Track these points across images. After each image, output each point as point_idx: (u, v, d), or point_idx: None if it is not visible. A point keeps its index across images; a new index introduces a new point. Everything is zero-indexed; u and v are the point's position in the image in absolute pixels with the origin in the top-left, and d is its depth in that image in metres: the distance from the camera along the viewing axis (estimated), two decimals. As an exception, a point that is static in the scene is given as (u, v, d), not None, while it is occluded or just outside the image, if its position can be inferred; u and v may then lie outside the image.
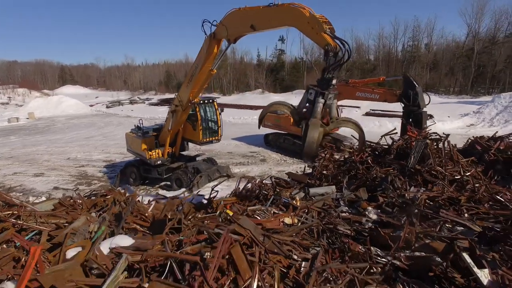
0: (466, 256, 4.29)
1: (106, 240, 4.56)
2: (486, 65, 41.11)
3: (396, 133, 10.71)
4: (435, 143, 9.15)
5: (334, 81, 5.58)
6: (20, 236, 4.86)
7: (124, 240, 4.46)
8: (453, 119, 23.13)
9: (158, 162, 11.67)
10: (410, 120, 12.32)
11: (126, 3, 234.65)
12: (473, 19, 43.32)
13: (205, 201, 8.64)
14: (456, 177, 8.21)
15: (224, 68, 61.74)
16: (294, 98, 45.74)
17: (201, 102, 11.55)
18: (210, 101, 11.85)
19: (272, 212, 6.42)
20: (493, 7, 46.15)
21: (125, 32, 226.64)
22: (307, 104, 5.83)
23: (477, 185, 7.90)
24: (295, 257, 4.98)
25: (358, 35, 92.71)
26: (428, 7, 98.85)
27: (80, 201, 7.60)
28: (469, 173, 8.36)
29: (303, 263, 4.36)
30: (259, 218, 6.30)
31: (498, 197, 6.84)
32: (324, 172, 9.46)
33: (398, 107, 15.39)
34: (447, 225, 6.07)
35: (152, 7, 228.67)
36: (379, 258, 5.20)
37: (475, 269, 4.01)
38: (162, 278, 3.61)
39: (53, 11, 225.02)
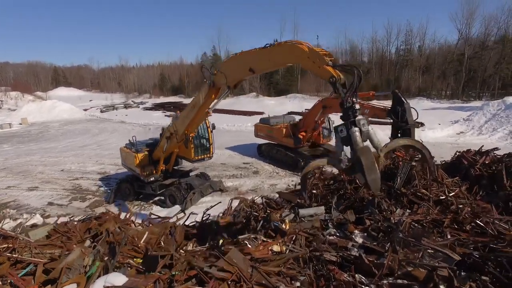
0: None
1: (100, 278, 4.73)
2: (476, 70, 41.78)
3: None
4: (420, 165, 9.38)
5: (357, 106, 5.18)
6: (15, 274, 5.01)
7: (117, 278, 4.64)
8: (443, 127, 23.56)
9: (152, 179, 11.83)
10: (399, 135, 12.62)
11: (119, 3, 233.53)
12: (463, 24, 44.08)
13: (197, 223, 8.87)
14: (441, 198, 8.52)
15: (218, 71, 61.79)
16: (288, 102, 46.13)
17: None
18: (202, 119, 12.03)
19: (261, 240, 6.63)
20: (482, 13, 47.09)
21: (118, 32, 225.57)
22: (344, 146, 5.37)
23: (460, 206, 8.21)
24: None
25: (352, 38, 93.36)
26: (420, 9, 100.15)
27: (75, 226, 7.78)
28: (453, 193, 8.67)
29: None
30: (249, 245, 6.53)
31: (478, 222, 7.12)
32: (314, 191, 9.70)
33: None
34: (429, 251, 6.36)
35: (146, 7, 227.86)
36: (363, 286, 5.46)
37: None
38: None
39: (45, 12, 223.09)
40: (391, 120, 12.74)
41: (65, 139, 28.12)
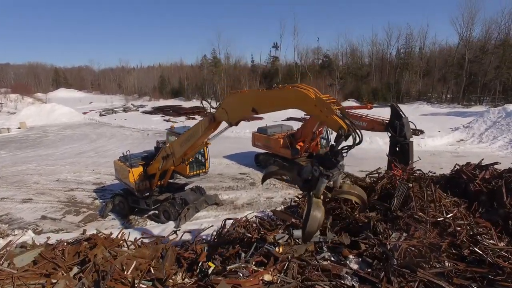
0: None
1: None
2: (477, 74, 41.55)
3: (380, 173, 10.79)
4: (417, 185, 9.18)
5: (341, 163, 5.13)
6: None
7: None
8: (443, 134, 23.37)
9: (146, 194, 11.67)
10: (397, 149, 12.45)
11: (120, 4, 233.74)
12: (464, 28, 43.86)
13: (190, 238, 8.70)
14: (438, 219, 8.33)
15: (218, 74, 61.73)
16: (288, 106, 45.90)
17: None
18: (197, 134, 11.87)
19: (251, 269, 6.45)
20: (483, 17, 46.84)
21: (118, 32, 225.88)
22: (310, 178, 5.28)
23: (458, 228, 8.02)
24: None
25: (352, 40, 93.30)
26: (420, 13, 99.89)
27: (63, 248, 7.61)
28: (451, 215, 8.48)
29: None
30: (240, 274, 6.36)
31: (476, 249, 6.93)
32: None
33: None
34: (426, 279, 6.17)
35: (145, 7, 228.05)
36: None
37: None
38: None
39: (46, 12, 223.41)
40: (389, 135, 12.59)
41: (63, 145, 27.97)
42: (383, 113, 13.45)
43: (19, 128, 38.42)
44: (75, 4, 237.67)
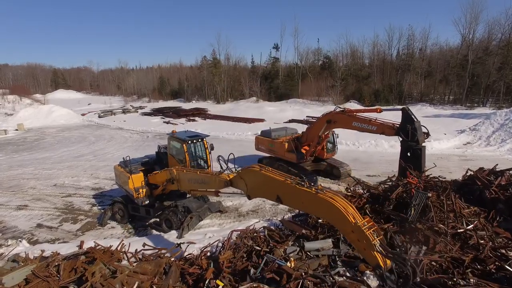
0: None
1: None
2: (480, 75, 41.13)
3: (393, 181, 10.28)
4: (435, 194, 8.68)
5: None
6: None
7: None
8: (449, 137, 22.89)
9: (146, 202, 11.14)
10: (408, 154, 11.96)
11: (119, 5, 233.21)
12: (466, 28, 43.47)
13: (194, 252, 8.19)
14: (458, 231, 7.84)
15: (218, 75, 61.24)
16: (289, 108, 45.45)
17: (189, 141, 11.06)
18: (199, 140, 11.36)
19: (264, 289, 5.94)
20: (486, 18, 46.50)
21: (118, 33, 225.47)
22: None
23: (482, 241, 7.54)
24: None
25: (353, 41, 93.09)
26: (422, 14, 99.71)
27: (58, 263, 7.09)
28: (471, 226, 8.00)
29: None
30: (251, 296, 5.85)
31: (507, 266, 6.43)
32: (320, 220, 9.02)
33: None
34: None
35: (145, 9, 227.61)
36: None
37: None
38: None
39: (46, 13, 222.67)
40: (400, 139, 12.10)
41: (60, 147, 27.38)
42: (388, 116, 12.90)
43: (16, 130, 37.83)
44: (74, 5, 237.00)
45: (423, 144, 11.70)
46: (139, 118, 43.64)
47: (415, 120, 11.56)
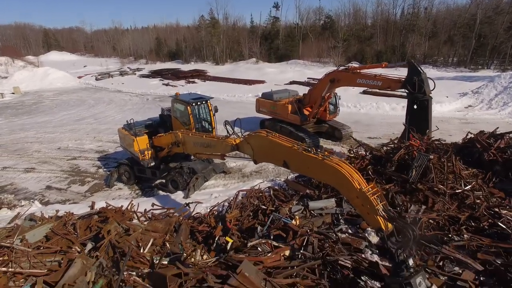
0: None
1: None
2: (487, 36, 39.90)
3: (395, 143, 10.41)
4: (437, 156, 8.87)
5: (411, 262, 4.51)
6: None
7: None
8: (451, 100, 22.79)
9: (152, 164, 11.35)
10: (415, 107, 11.94)
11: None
12: (477, -15, 41.39)
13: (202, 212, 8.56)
14: (457, 191, 8.14)
15: (216, 36, 59.24)
16: (289, 69, 44.55)
17: (194, 104, 11.02)
18: (204, 102, 11.31)
19: (272, 244, 6.29)
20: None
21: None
22: None
23: (478, 201, 7.86)
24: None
25: (356, 0, 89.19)
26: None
27: (74, 222, 7.43)
28: (469, 186, 8.28)
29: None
30: (260, 250, 6.22)
31: (500, 223, 6.77)
32: (323, 181, 9.29)
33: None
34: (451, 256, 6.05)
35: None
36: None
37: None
38: None
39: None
40: (406, 92, 12.03)
41: (60, 111, 27.23)
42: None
43: (13, 93, 37.25)
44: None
45: (430, 95, 11.66)
46: (138, 80, 42.88)
47: (422, 71, 11.46)
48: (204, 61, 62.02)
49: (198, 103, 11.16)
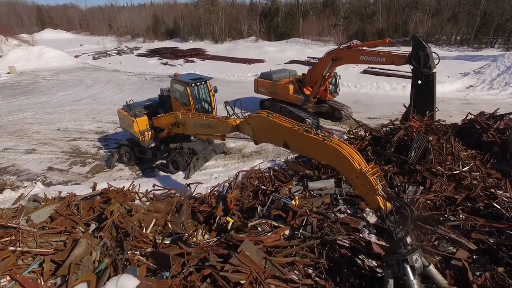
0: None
1: (111, 280, 4.54)
2: (492, 13, 38.96)
3: (395, 124, 10.40)
4: (436, 137, 8.91)
5: (409, 240, 4.53)
6: (20, 275, 4.83)
7: (129, 282, 4.46)
8: (452, 80, 22.58)
9: (152, 145, 11.39)
10: (420, 82, 11.87)
11: None
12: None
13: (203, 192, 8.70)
14: (454, 172, 8.24)
15: (215, 13, 57.78)
16: (289, 48, 43.82)
17: (193, 84, 10.92)
18: (203, 82, 11.20)
19: (270, 223, 6.44)
20: None
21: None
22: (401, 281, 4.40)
23: (474, 182, 7.96)
24: (296, 279, 5.16)
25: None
26: None
27: (77, 203, 7.55)
28: (467, 168, 8.37)
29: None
30: (260, 230, 6.37)
31: (495, 204, 6.91)
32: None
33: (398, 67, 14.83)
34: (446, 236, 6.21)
35: None
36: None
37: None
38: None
39: None
40: (411, 67, 11.93)
41: (58, 91, 26.96)
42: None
43: (8, 73, 36.68)
44: None
45: (434, 70, 11.57)
46: (135, 60, 42.22)
47: (427, 46, 11.32)
48: (202, 40, 60.83)
49: (198, 83, 11.07)
